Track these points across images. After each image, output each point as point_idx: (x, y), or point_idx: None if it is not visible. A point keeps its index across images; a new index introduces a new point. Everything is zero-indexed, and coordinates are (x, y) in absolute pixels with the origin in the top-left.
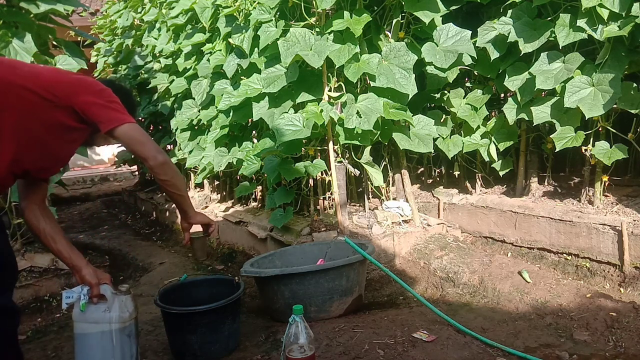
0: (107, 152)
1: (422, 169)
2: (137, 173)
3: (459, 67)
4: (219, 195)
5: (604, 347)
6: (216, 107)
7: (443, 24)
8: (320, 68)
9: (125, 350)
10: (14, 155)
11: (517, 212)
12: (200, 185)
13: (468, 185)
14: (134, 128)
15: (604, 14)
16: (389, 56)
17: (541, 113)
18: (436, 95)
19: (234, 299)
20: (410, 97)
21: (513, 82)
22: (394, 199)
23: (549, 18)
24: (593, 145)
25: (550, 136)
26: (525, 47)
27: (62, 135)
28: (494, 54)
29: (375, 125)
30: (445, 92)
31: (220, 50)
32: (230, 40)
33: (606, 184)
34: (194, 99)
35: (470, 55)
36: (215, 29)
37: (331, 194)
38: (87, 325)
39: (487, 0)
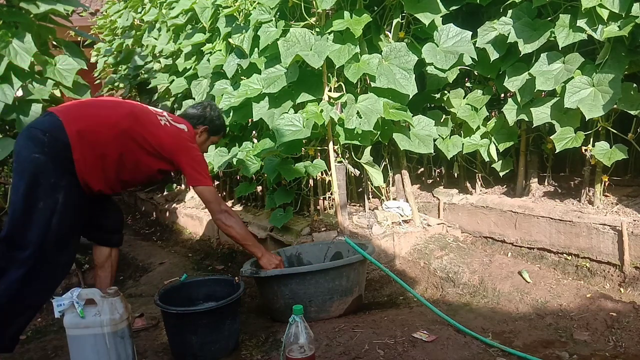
0: None
1: (422, 169)
2: None
3: (459, 68)
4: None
5: (604, 347)
6: None
7: (443, 24)
8: (320, 68)
9: (120, 352)
10: (125, 176)
11: (517, 212)
12: None
13: (468, 185)
14: (208, 190)
15: (604, 14)
16: (389, 56)
17: (541, 114)
18: (436, 95)
19: (234, 299)
20: (410, 97)
21: (513, 83)
22: (394, 199)
23: (549, 18)
24: (593, 146)
25: (551, 137)
26: (525, 48)
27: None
28: (494, 55)
29: (375, 126)
30: (445, 92)
31: (220, 50)
32: (230, 40)
33: (606, 184)
34: (194, 99)
35: (471, 57)
36: (215, 29)
37: (331, 194)
38: (80, 331)
39: (487, 1)
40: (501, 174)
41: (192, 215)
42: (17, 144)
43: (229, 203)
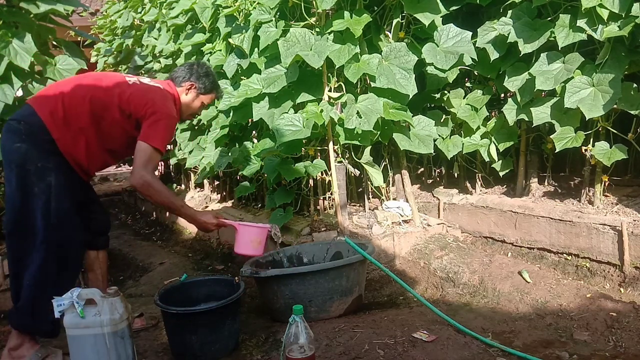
0: None
1: (422, 169)
2: None
3: (459, 68)
4: (219, 195)
5: (604, 347)
6: (216, 107)
7: (443, 24)
8: (320, 68)
9: (120, 352)
10: (109, 145)
11: (517, 212)
12: (200, 185)
13: (468, 185)
14: (147, 149)
15: (604, 14)
16: (389, 56)
17: (541, 114)
18: (436, 95)
19: (234, 299)
20: (410, 97)
21: (513, 83)
22: (394, 199)
23: (549, 18)
24: (593, 146)
25: (550, 136)
26: (525, 48)
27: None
28: (494, 55)
29: (375, 126)
30: (445, 92)
31: (220, 50)
32: (230, 40)
33: (606, 184)
34: None
35: (471, 57)
36: (215, 29)
37: (331, 194)
38: (80, 331)
39: (487, 1)
40: (501, 174)
41: None
42: (0, 139)
43: (229, 203)
